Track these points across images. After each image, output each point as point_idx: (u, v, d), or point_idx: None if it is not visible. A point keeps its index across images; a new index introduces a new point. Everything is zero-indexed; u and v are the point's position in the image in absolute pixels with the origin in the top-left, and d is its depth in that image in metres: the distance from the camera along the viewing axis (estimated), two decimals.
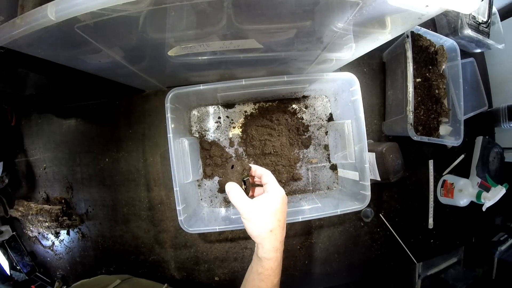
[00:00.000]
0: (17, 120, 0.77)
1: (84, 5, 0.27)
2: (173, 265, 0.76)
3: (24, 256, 0.76)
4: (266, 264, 0.42)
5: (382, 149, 0.65)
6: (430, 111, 0.76)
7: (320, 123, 0.75)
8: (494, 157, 0.85)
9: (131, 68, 0.52)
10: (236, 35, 0.41)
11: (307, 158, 0.74)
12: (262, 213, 0.41)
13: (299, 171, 0.73)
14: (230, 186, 0.43)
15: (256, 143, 0.70)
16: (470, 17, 0.78)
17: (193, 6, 0.32)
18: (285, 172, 0.71)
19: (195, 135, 0.69)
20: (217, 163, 0.69)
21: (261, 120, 0.71)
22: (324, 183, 0.75)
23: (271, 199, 0.42)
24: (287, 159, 0.71)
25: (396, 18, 0.37)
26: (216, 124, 0.71)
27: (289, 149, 0.71)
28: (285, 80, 0.58)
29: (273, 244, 0.42)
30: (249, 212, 0.41)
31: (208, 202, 0.68)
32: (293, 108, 0.74)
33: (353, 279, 0.80)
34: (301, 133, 0.73)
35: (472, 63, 0.87)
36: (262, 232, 0.41)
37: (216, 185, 0.71)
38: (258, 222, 0.41)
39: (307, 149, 0.74)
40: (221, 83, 0.57)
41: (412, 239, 0.81)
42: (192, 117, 0.69)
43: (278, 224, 0.42)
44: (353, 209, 0.59)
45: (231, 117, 0.72)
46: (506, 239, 0.89)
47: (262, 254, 0.42)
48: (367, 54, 0.52)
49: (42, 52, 0.39)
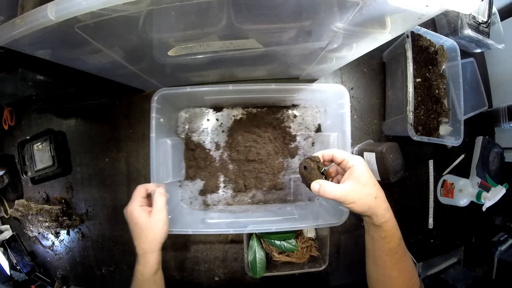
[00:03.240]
0: (17, 120, 0.78)
1: (84, 5, 0.27)
2: (173, 265, 0.76)
3: (24, 256, 0.76)
4: (386, 226, 0.43)
5: (382, 149, 0.65)
6: (430, 111, 0.76)
7: (307, 134, 0.73)
8: (494, 157, 0.85)
9: (131, 68, 0.52)
10: (236, 35, 0.41)
11: (291, 168, 0.72)
12: (360, 191, 0.41)
13: (282, 180, 0.71)
14: (317, 186, 0.43)
15: (241, 149, 0.69)
16: (470, 17, 0.78)
17: (193, 6, 0.32)
18: (268, 180, 0.70)
19: (181, 135, 0.68)
20: (200, 166, 0.68)
21: (248, 125, 0.70)
22: (306, 195, 0.73)
23: (358, 173, 0.42)
24: (271, 167, 0.70)
25: (396, 18, 0.37)
26: (203, 127, 0.70)
27: (273, 158, 0.70)
28: (272, 88, 0.58)
29: (383, 206, 0.43)
30: (349, 197, 0.41)
31: (188, 203, 0.67)
32: (281, 116, 0.72)
33: (353, 279, 0.80)
34: (287, 142, 0.72)
35: (472, 63, 0.87)
36: (370, 204, 0.41)
37: (197, 187, 0.68)
38: (362, 200, 0.41)
39: (292, 159, 0.72)
40: (209, 87, 0.57)
41: (412, 239, 0.81)
42: (180, 117, 0.68)
43: (377, 188, 0.43)
44: (329, 224, 0.57)
45: (219, 121, 0.71)
46: (506, 239, 0.89)
47: (379, 221, 0.42)
48: (367, 54, 0.52)
49: (42, 52, 0.39)
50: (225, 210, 0.68)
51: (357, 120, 0.79)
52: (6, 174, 0.76)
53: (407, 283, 0.45)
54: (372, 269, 0.48)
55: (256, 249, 0.66)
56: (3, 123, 0.77)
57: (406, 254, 0.46)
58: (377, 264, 0.46)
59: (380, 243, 0.44)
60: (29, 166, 0.75)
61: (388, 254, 0.44)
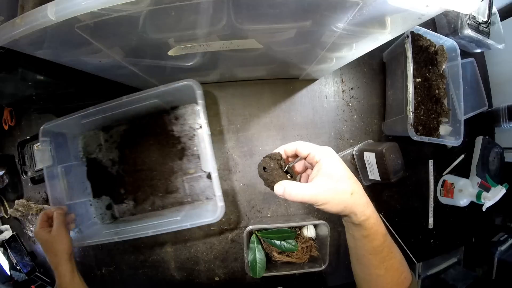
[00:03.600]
0: (17, 120, 0.77)
1: (84, 5, 0.27)
2: (173, 265, 0.76)
3: (24, 256, 0.76)
4: (367, 224, 0.37)
5: (382, 149, 0.65)
6: (430, 111, 0.76)
7: (192, 133, 0.72)
8: (494, 157, 0.85)
9: (131, 68, 0.52)
10: (236, 35, 0.41)
11: (181, 170, 0.72)
12: (333, 188, 0.35)
13: (174, 183, 0.71)
14: (281, 188, 0.36)
15: (130, 161, 0.72)
16: (470, 17, 0.78)
17: (193, 6, 0.32)
18: (161, 185, 0.71)
19: (83, 159, 0.72)
20: (102, 184, 0.71)
21: (134, 137, 0.72)
22: (203, 193, 0.71)
23: (328, 167, 0.36)
24: (162, 173, 0.71)
25: (396, 18, 0.37)
26: (99, 147, 0.72)
27: (162, 163, 0.71)
28: (123, 101, 0.59)
29: (361, 202, 0.37)
30: (321, 197, 0.35)
31: (100, 218, 0.71)
32: (162, 121, 0.72)
33: (353, 279, 0.80)
34: (172, 146, 0.72)
35: (472, 63, 0.87)
36: (346, 203, 0.35)
37: (104, 203, 0.71)
38: (336, 199, 0.35)
39: (180, 161, 0.72)
40: (78, 113, 0.61)
41: (412, 239, 0.81)
42: (79, 142, 0.72)
43: (352, 182, 0.36)
44: (201, 222, 0.55)
45: (112, 138, 0.73)
46: (506, 239, 0.90)
47: (358, 220, 0.36)
48: (367, 54, 0.52)
49: (42, 52, 0.39)
50: (130, 220, 0.71)
51: (357, 120, 0.79)
52: (6, 174, 0.76)
53: (395, 280, 0.41)
54: (357, 268, 0.44)
55: (256, 249, 0.66)
56: (3, 123, 0.77)
57: (392, 251, 0.41)
58: (361, 263, 0.42)
59: (363, 242, 0.39)
60: (29, 166, 0.75)
61: (372, 253, 0.39)
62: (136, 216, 0.71)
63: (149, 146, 0.71)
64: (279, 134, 0.76)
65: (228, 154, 0.75)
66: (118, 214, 0.72)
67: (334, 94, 0.79)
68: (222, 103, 0.75)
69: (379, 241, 0.38)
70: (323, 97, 0.78)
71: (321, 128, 0.78)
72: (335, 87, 0.79)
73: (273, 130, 0.76)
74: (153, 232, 0.58)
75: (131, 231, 0.60)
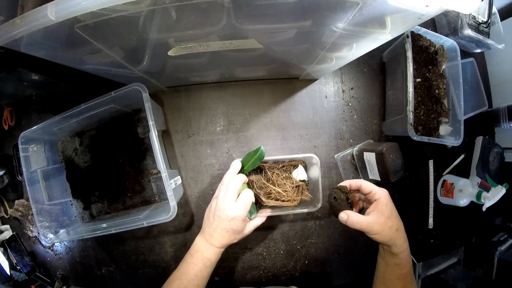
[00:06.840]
0: (17, 120, 0.77)
1: (84, 5, 0.27)
2: (173, 265, 0.75)
3: (24, 256, 0.76)
4: (402, 255, 0.47)
5: (382, 149, 0.65)
6: (430, 111, 0.76)
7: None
8: (494, 157, 0.85)
9: (131, 68, 0.52)
10: (236, 35, 0.41)
11: (146, 170, 0.73)
12: (384, 223, 0.45)
13: (141, 183, 0.73)
14: (345, 216, 0.47)
15: (101, 163, 0.74)
16: (470, 17, 0.78)
17: (193, 6, 0.32)
18: (129, 185, 0.73)
19: (62, 162, 0.74)
20: (79, 185, 0.74)
21: (102, 140, 0.74)
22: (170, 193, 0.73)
23: (383, 206, 0.47)
24: (129, 173, 0.73)
25: (396, 18, 0.37)
26: (75, 151, 0.75)
27: (129, 164, 0.73)
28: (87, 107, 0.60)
29: (402, 237, 0.47)
30: (374, 229, 0.45)
31: (80, 218, 0.74)
32: (128, 122, 0.74)
33: (353, 279, 0.80)
34: (137, 146, 0.73)
35: (472, 63, 0.87)
36: (391, 236, 0.46)
37: (82, 203, 0.74)
38: (384, 232, 0.45)
39: (145, 161, 0.73)
40: (49, 120, 0.63)
41: (412, 239, 0.81)
42: (58, 147, 0.75)
43: (398, 221, 0.47)
44: (157, 221, 0.56)
45: (84, 142, 0.75)
46: (506, 239, 0.89)
47: (396, 251, 0.47)
48: (367, 54, 0.52)
49: (42, 52, 0.39)
50: (104, 218, 0.73)
51: (357, 120, 0.79)
52: (6, 174, 0.76)
53: None
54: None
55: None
56: (3, 123, 0.77)
57: (413, 279, 0.51)
58: (387, 286, 0.51)
59: (393, 268, 0.49)
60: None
61: (399, 278, 0.49)
62: (110, 214, 0.74)
63: (116, 148, 0.73)
64: (279, 134, 0.76)
65: (228, 154, 0.75)
66: (96, 213, 0.74)
67: (334, 94, 0.79)
68: (222, 103, 0.75)
69: (407, 269, 0.49)
70: (323, 97, 0.78)
71: (321, 128, 0.78)
72: (335, 87, 0.79)
73: (273, 130, 0.76)
74: (115, 230, 0.59)
75: (99, 229, 0.61)
